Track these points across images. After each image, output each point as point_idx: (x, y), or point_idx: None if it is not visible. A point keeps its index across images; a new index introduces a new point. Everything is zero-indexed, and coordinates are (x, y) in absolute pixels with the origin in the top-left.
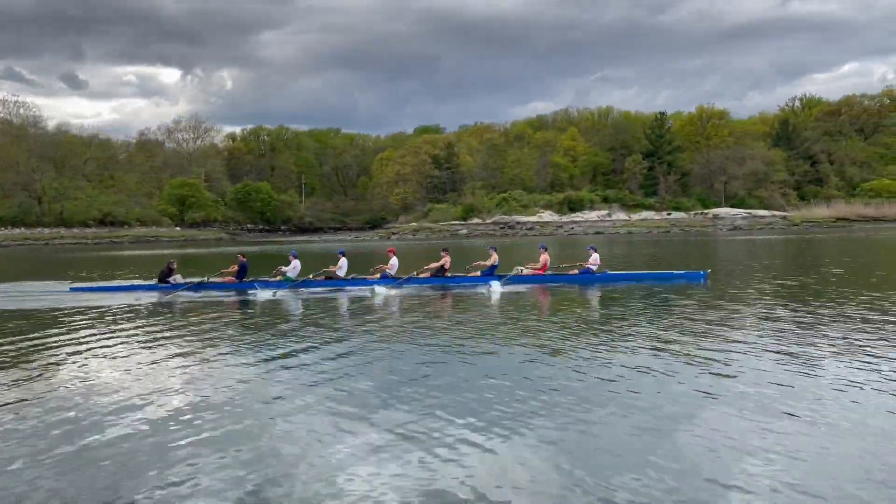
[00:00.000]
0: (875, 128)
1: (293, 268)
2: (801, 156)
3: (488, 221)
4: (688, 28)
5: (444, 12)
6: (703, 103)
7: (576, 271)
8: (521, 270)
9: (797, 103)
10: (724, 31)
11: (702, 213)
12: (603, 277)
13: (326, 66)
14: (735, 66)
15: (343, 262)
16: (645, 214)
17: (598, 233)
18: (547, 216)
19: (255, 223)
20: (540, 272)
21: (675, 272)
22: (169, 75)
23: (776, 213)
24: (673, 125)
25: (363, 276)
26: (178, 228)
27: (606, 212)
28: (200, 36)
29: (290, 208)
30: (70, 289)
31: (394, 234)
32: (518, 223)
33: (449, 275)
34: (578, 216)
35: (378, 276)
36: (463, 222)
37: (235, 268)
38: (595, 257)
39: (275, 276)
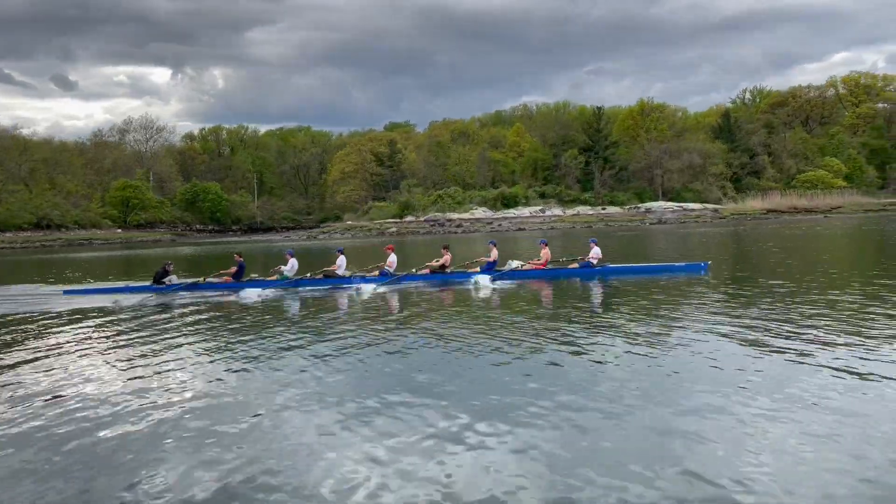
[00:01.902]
0: (821, 119)
1: (290, 267)
2: (741, 148)
3: (421, 219)
4: (680, 20)
5: (436, 8)
6: (697, 95)
7: (576, 265)
8: (521, 265)
9: (748, 95)
10: (716, 23)
11: (635, 208)
12: (603, 271)
13: (319, 64)
14: (727, 57)
15: (341, 259)
16: (580, 210)
17: (520, 229)
18: (480, 213)
19: (205, 224)
20: (541, 267)
21: (676, 265)
22: (160, 75)
23: (708, 205)
24: (612, 120)
25: (362, 274)
26: (119, 231)
27: (540, 208)
28: (191, 35)
29: (241, 208)
30: (63, 292)
31: (324, 233)
32: (448, 220)
33: (449, 271)
34: (511, 213)
35: (377, 273)
36: (399, 220)
37: (234, 269)
38: (596, 251)
39: (272, 276)
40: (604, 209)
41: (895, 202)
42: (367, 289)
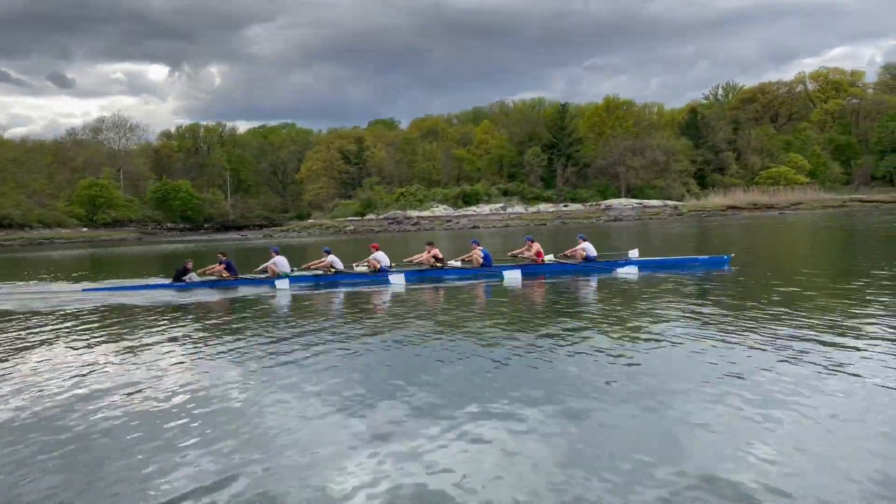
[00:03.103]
0: (790, 116)
1: (275, 263)
2: (706, 145)
3: (381, 217)
4: (677, 15)
5: (432, 4)
6: (695, 90)
7: (579, 257)
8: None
9: (721, 91)
10: (713, 18)
11: (596, 205)
12: (619, 265)
13: (316, 61)
14: (725, 52)
15: (332, 258)
16: (541, 207)
17: (474, 227)
18: (440, 211)
19: (176, 222)
20: (538, 260)
21: (698, 258)
22: (157, 72)
23: (668, 202)
24: (576, 117)
25: (352, 271)
26: (85, 230)
27: (501, 205)
28: (188, 32)
29: (213, 206)
30: (83, 289)
31: (283, 231)
32: (406, 218)
33: (440, 266)
34: (470, 210)
35: (368, 268)
36: (360, 218)
37: (219, 266)
38: (585, 245)
39: (260, 274)
40: (566, 206)
41: (856, 198)
42: (398, 283)
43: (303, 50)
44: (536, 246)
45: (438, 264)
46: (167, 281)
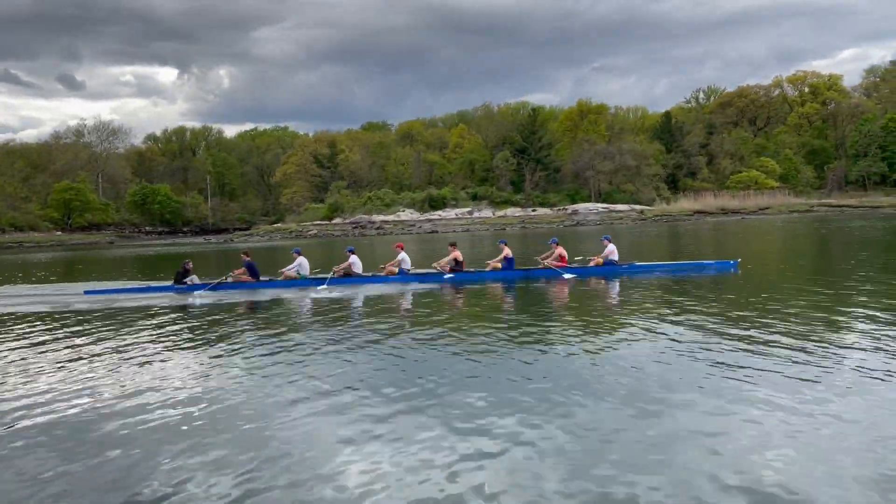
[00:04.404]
0: (768, 119)
1: (298, 264)
2: (679, 149)
3: (346, 221)
4: (685, 15)
5: (439, 4)
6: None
7: (599, 262)
8: (543, 263)
9: (702, 95)
10: (721, 18)
11: (563, 209)
12: (630, 269)
13: (323, 62)
14: (733, 53)
15: (354, 259)
16: (508, 211)
17: (433, 231)
18: (406, 215)
19: (155, 225)
20: (561, 265)
21: (705, 262)
22: (166, 74)
23: (636, 207)
24: (552, 121)
25: (376, 274)
26: (59, 233)
27: (468, 209)
28: (196, 34)
29: (192, 210)
30: (84, 292)
31: (247, 234)
32: (370, 223)
33: (464, 270)
34: (436, 215)
35: (387, 272)
36: (327, 222)
37: (242, 269)
38: (611, 248)
39: (280, 276)
40: (534, 211)
41: (824, 203)
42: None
43: (310, 51)
44: (560, 250)
45: (457, 268)
46: (168, 283)
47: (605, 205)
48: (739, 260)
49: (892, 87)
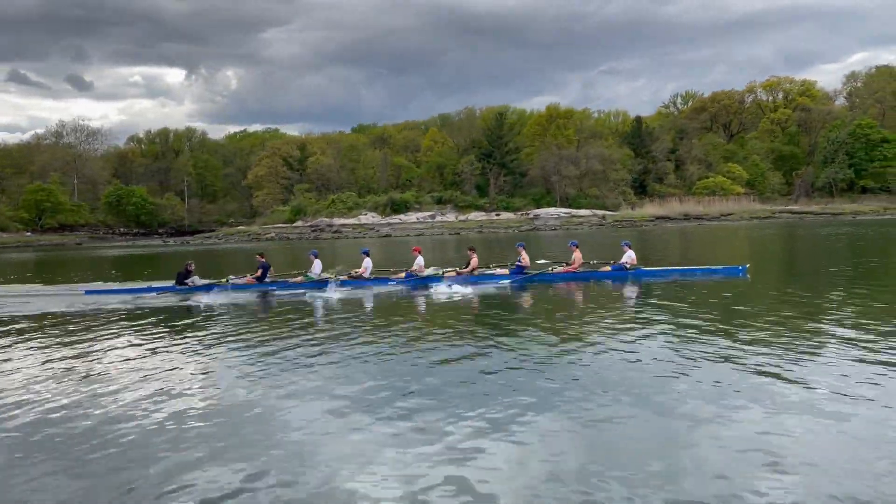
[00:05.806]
0: (741, 125)
1: (315, 268)
2: (648, 154)
3: (306, 224)
4: (693, 18)
5: (447, 6)
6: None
7: (608, 268)
8: (553, 268)
9: (679, 100)
10: (729, 21)
11: (525, 214)
12: (637, 273)
13: (331, 63)
14: (742, 56)
15: (367, 262)
16: (473, 215)
17: (387, 235)
18: (367, 218)
19: (129, 227)
20: (572, 269)
21: (713, 267)
22: (174, 75)
23: (597, 212)
24: (521, 125)
25: (385, 276)
26: (29, 234)
27: (431, 213)
28: (204, 35)
29: (168, 211)
30: (84, 291)
31: (205, 236)
32: (329, 226)
33: (477, 273)
34: (396, 218)
35: (403, 275)
36: (288, 225)
37: (259, 272)
38: (630, 254)
39: (295, 278)
40: (498, 215)
41: (787, 209)
42: (452, 289)
43: (317, 53)
44: (578, 254)
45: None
46: (170, 283)
47: (566, 210)
48: (748, 265)
49: (871, 93)
